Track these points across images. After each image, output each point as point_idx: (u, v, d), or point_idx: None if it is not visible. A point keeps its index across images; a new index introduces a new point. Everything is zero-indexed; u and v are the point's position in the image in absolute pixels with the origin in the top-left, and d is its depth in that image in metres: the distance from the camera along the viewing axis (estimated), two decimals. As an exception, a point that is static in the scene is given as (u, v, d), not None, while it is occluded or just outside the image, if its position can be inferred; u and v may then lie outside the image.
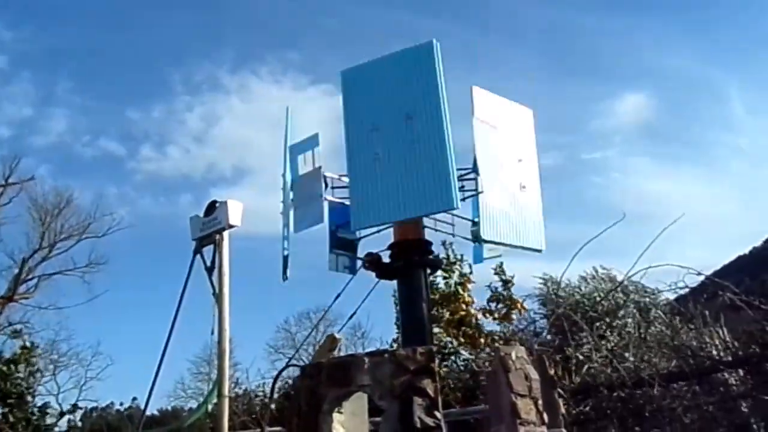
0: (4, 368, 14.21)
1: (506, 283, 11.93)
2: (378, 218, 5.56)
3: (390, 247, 6.54)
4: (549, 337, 11.20)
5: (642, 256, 8.96)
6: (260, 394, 15.74)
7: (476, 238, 6.76)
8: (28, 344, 15.68)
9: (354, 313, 7.75)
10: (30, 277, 27.20)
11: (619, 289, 10.76)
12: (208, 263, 9.15)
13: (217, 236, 9.04)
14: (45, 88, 46.99)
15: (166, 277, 42.40)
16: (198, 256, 9.29)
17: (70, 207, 29.75)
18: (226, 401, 8.58)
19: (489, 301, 11.98)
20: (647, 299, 11.03)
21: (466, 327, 11.86)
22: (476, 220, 6.68)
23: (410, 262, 6.38)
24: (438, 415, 4.77)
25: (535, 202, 6.71)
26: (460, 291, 11.84)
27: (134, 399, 24.16)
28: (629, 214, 9.10)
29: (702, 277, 9.02)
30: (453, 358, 12.35)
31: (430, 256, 6.69)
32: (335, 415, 5.07)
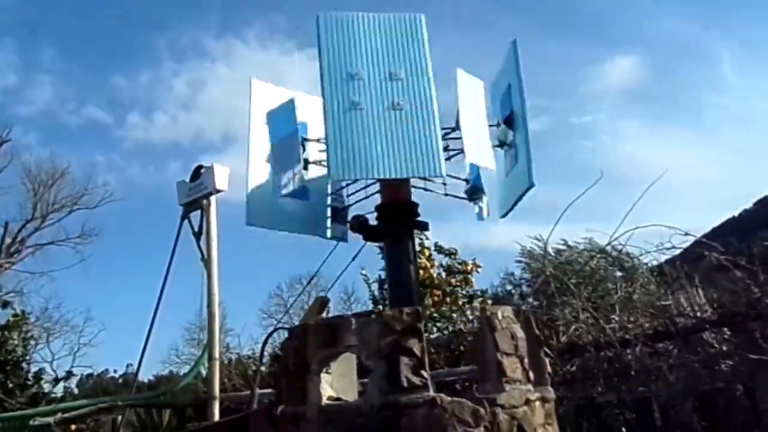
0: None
1: (450, 254, 12.19)
2: (359, 172, 5.34)
3: (377, 209, 6.45)
4: (535, 302, 11.24)
5: (628, 217, 8.94)
6: (253, 358, 15.83)
7: (471, 196, 6.67)
8: (19, 312, 15.60)
9: (340, 275, 7.68)
10: (22, 247, 27.07)
11: (605, 250, 10.74)
12: (196, 229, 9.04)
13: (204, 201, 8.92)
14: (29, 56, 46.23)
15: (155, 245, 42.43)
16: (186, 222, 9.18)
17: (64, 178, 29.54)
18: (217, 364, 8.56)
19: (447, 275, 12.19)
20: (634, 260, 11.03)
21: (431, 289, 11.97)
22: (468, 178, 6.60)
23: (397, 224, 6.31)
24: (425, 374, 4.75)
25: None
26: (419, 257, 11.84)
27: (128, 365, 24.30)
28: (619, 178, 9.04)
29: (690, 239, 8.99)
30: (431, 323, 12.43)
31: (418, 218, 6.61)
32: (323, 376, 5.05)
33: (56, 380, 17.29)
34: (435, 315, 12.11)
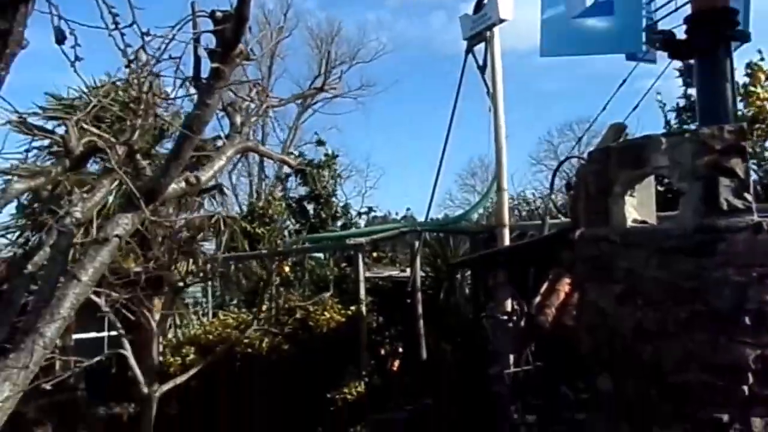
0: (315, 172, 16.42)
1: None
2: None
3: (686, 21, 5.67)
4: None
5: None
6: (527, 201, 16.16)
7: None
8: (329, 152, 17.68)
9: (603, 108, 7.18)
10: (311, 102, 30.09)
11: None
12: (480, 62, 9.00)
13: (488, 33, 8.74)
14: None
15: (426, 92, 43.90)
16: (470, 57, 9.18)
17: (340, 35, 31.60)
18: (506, 194, 8.79)
19: None
20: None
21: (759, 124, 10.23)
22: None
23: (710, 35, 5.50)
24: (748, 197, 4.26)
25: None
26: (753, 87, 10.06)
27: (408, 209, 26.41)
28: None
29: None
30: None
31: (736, 28, 5.69)
32: (627, 198, 4.83)
33: (359, 213, 19.72)
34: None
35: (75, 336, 10.47)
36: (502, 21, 8.54)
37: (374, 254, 12.94)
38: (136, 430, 8.48)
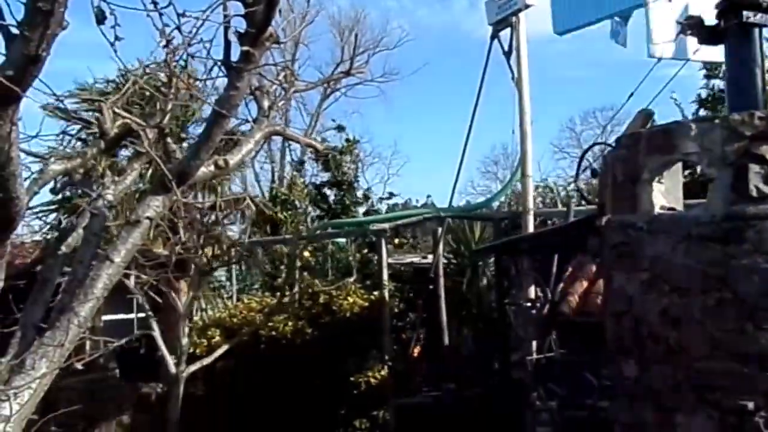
0: (337, 157, 16.40)
1: None
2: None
3: (716, 6, 5.56)
4: None
5: None
6: (550, 187, 16.06)
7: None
8: (351, 138, 17.65)
9: (629, 97, 7.09)
10: (335, 88, 30.02)
11: None
12: (506, 48, 8.94)
13: (514, 18, 8.67)
14: None
15: (450, 79, 43.63)
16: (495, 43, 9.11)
17: (364, 23, 31.44)
18: (530, 181, 8.75)
19: None
20: None
21: None
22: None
23: (741, 20, 5.38)
24: (779, 184, 4.20)
25: None
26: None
27: (428, 196, 26.27)
28: None
29: None
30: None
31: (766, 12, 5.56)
32: (655, 185, 4.78)
33: (381, 199, 19.74)
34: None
35: (104, 317, 10.68)
36: (527, 6, 8.46)
37: (396, 240, 12.97)
38: (164, 409, 8.65)
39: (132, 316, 11.15)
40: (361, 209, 17.59)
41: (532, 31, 8.80)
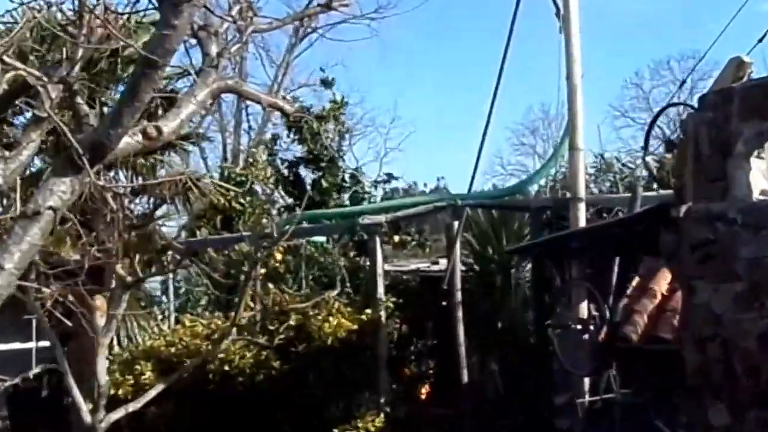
0: (315, 126, 16.18)
1: None
2: None
3: None
4: None
5: None
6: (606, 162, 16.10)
7: None
8: (338, 97, 17.46)
9: (715, 40, 7.11)
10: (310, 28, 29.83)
11: None
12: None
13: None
14: None
15: (467, 19, 43.52)
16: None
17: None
18: (581, 156, 8.75)
19: None
20: None
21: None
22: None
23: None
24: None
25: None
26: None
27: (439, 179, 25.89)
28: None
29: None
30: None
31: None
32: (754, 161, 4.80)
33: (375, 183, 19.62)
34: None
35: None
36: None
37: (395, 238, 12.97)
38: (74, 474, 8.66)
39: (31, 345, 11.13)
40: (348, 196, 17.56)
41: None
